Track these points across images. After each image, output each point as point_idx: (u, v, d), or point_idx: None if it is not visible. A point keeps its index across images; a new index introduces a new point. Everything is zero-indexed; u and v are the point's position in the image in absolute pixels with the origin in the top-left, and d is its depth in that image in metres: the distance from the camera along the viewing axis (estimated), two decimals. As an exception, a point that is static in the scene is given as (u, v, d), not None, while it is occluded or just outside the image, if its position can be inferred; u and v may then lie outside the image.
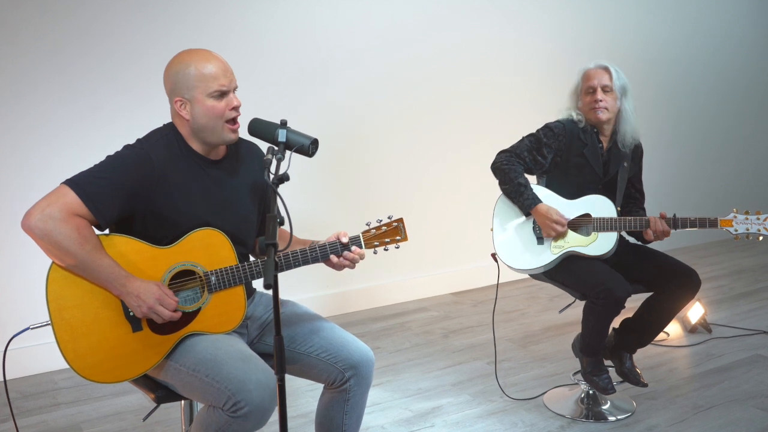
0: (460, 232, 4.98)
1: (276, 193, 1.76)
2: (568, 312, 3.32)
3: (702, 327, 4.15)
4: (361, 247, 2.24)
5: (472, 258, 5.05)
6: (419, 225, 4.62)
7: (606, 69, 3.03)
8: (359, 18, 4.45)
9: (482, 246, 4.99)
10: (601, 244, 2.94)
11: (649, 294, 3.06)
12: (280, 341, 1.71)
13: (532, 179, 3.08)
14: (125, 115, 3.73)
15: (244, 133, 2.17)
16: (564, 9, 5.25)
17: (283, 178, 1.82)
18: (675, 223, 2.90)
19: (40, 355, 3.58)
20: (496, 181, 3.07)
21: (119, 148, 2.12)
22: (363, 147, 4.57)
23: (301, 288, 4.28)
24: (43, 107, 3.58)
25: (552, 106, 3.26)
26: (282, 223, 1.70)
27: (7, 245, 3.54)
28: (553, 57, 5.22)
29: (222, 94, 2.11)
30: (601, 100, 2.98)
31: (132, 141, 2.15)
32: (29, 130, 3.56)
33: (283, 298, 2.41)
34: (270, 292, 1.70)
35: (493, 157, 3.07)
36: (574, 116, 3.08)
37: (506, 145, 3.11)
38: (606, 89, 3.00)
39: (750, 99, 6.50)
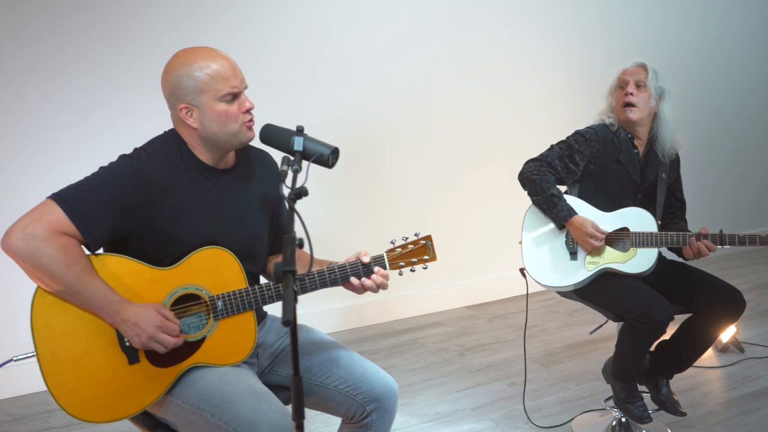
0: (475, 243, 4.75)
1: (293, 210, 1.53)
2: (591, 329, 3.10)
3: (734, 346, 3.92)
4: (385, 268, 2.02)
5: (487, 270, 4.82)
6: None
7: (643, 66, 2.84)
8: (373, 19, 4.22)
9: (498, 258, 4.81)
10: (640, 261, 2.71)
11: (689, 315, 2.82)
12: (299, 381, 1.48)
13: (562, 189, 2.86)
14: (122, 122, 3.49)
15: (255, 141, 1.95)
16: (591, 15, 5.01)
17: (301, 193, 1.59)
18: (722, 239, 2.66)
19: (32, 373, 3.33)
20: (513, 192, 2.86)
21: (115, 157, 1.90)
22: (375, 156, 4.33)
23: (309, 302, 4.03)
24: (33, 115, 3.34)
25: (577, 116, 3.05)
26: (301, 245, 1.47)
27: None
28: (580, 65, 4.99)
29: (234, 97, 1.88)
30: (631, 94, 2.78)
31: (129, 150, 1.93)
32: (18, 139, 3.32)
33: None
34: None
35: (521, 167, 2.85)
36: (606, 120, 2.88)
37: (527, 155, 2.89)
38: (639, 84, 2.80)
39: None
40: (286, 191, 1.59)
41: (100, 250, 1.87)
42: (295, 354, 1.47)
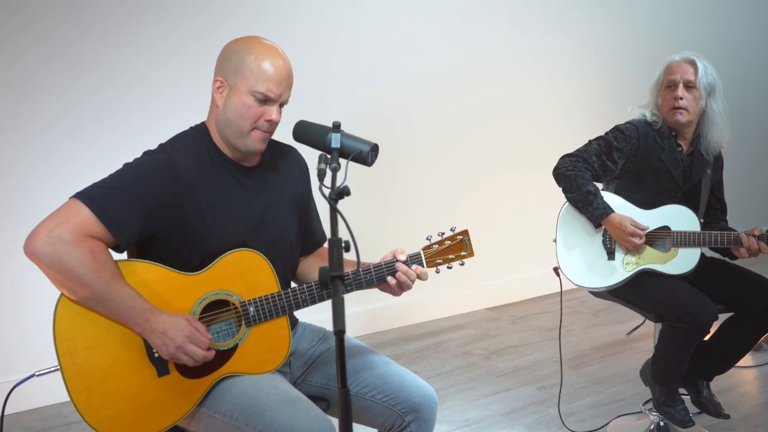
0: (495, 244, 4.63)
1: (336, 211, 1.43)
2: (618, 329, 2.98)
3: (766, 344, 3.80)
4: (422, 266, 1.92)
5: (508, 271, 4.70)
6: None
7: (692, 62, 2.65)
8: (392, 14, 4.12)
9: (519, 258, 4.69)
10: (682, 261, 2.59)
11: (730, 315, 2.71)
12: (347, 395, 1.37)
13: (599, 186, 2.74)
14: (136, 124, 3.38)
15: (288, 138, 1.85)
16: (616, 13, 4.91)
17: (343, 193, 1.49)
18: None
19: (48, 385, 3.24)
20: (535, 193, 2.75)
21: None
22: (394, 153, 4.22)
23: (325, 307, 3.93)
24: (43, 116, 3.23)
25: (600, 116, 2.93)
26: (347, 248, 1.37)
27: (7, 272, 3.19)
28: (603, 64, 4.88)
29: (265, 100, 1.78)
30: (681, 98, 2.62)
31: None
32: (27, 141, 3.22)
33: (319, 326, 2.10)
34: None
35: (555, 162, 2.73)
36: (649, 116, 2.72)
37: (553, 154, 2.77)
38: (689, 85, 2.63)
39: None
40: (326, 191, 1.48)
41: (124, 255, 1.78)
42: (342, 365, 1.36)
